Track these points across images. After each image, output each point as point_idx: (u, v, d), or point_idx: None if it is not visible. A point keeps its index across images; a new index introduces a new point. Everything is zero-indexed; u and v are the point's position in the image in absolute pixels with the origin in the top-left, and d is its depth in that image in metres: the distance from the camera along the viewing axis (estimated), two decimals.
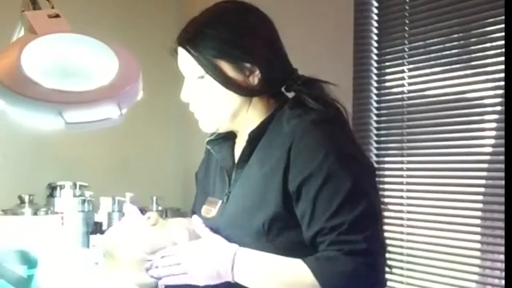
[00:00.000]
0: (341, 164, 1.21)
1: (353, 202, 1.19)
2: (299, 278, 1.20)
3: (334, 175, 1.20)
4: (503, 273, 1.98)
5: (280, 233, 1.25)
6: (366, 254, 1.17)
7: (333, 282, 1.18)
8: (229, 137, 1.42)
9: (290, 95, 1.38)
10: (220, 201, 1.38)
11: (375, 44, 2.43)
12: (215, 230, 1.34)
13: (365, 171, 1.28)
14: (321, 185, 1.20)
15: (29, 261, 1.66)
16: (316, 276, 1.18)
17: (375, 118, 2.44)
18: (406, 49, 2.32)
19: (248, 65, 1.30)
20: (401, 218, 2.33)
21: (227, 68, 1.30)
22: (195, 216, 1.36)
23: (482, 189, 2.15)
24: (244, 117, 1.35)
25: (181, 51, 1.33)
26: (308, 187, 1.21)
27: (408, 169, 2.35)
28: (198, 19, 1.34)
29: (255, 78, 1.31)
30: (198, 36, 1.31)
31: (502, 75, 1.99)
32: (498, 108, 2.06)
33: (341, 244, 1.18)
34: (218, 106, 1.33)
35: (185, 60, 1.33)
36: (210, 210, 1.40)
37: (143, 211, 1.46)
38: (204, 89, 1.32)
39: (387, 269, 1.29)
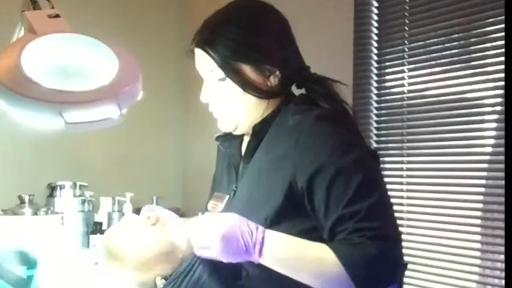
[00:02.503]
0: (349, 156, 1.22)
1: (366, 191, 1.20)
2: (325, 262, 1.19)
3: (344, 168, 1.21)
4: (503, 273, 1.98)
5: (279, 224, 1.24)
6: (387, 239, 1.19)
7: (361, 266, 1.17)
8: None
9: (297, 91, 1.38)
10: (227, 196, 1.39)
11: (375, 44, 2.43)
12: None
13: (372, 162, 1.30)
14: (333, 177, 1.20)
15: (28, 262, 1.66)
16: (344, 260, 1.17)
17: (375, 118, 2.44)
18: (406, 49, 2.32)
19: (268, 66, 1.30)
20: (401, 218, 2.33)
21: (247, 70, 1.30)
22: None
23: (482, 189, 2.15)
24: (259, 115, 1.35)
25: (198, 52, 1.33)
26: (319, 181, 1.21)
27: (408, 169, 2.35)
28: (214, 19, 1.34)
29: (275, 79, 1.31)
30: (216, 38, 1.30)
31: (502, 75, 1.99)
32: (498, 108, 2.06)
33: (363, 231, 1.18)
34: (238, 107, 1.33)
35: (203, 62, 1.33)
36: (217, 205, 1.40)
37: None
38: (225, 91, 1.32)
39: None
